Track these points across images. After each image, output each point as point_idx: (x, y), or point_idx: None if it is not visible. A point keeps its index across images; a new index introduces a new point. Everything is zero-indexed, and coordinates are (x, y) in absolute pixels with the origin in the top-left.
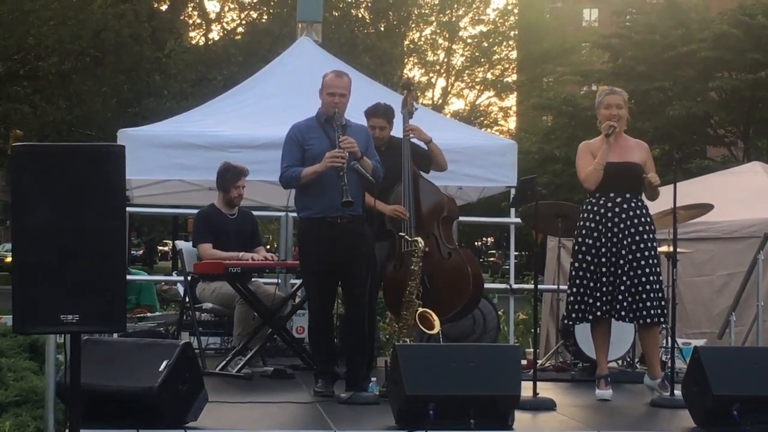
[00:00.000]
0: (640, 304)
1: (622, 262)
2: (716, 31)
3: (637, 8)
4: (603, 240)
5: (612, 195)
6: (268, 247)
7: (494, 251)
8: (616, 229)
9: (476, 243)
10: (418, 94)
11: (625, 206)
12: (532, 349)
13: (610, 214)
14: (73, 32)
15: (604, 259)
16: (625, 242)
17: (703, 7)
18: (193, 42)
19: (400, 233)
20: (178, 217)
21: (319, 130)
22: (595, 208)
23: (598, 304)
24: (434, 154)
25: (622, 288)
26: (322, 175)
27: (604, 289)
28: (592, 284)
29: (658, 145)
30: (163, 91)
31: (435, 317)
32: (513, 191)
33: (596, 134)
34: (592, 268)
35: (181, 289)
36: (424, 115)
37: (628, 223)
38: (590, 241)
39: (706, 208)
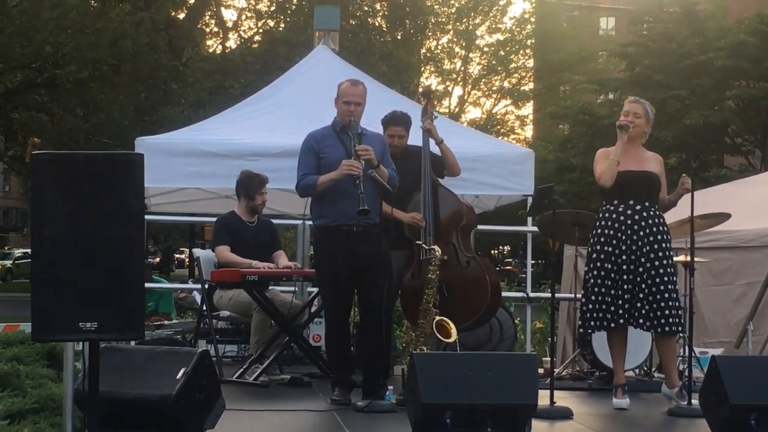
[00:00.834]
0: (659, 313)
1: (641, 269)
2: (733, 39)
3: (654, 17)
4: (624, 248)
5: (632, 203)
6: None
7: (510, 260)
8: (635, 237)
9: (492, 251)
10: (435, 103)
11: (645, 214)
12: (548, 358)
13: (630, 222)
14: (90, 41)
15: (624, 267)
16: (644, 250)
17: (721, 15)
18: (210, 50)
19: (418, 241)
20: (194, 225)
21: (335, 139)
22: (614, 216)
23: (620, 312)
24: (445, 156)
25: (641, 296)
26: (338, 184)
27: (626, 297)
28: (612, 292)
29: (675, 153)
30: (180, 100)
31: (452, 326)
32: (530, 200)
33: (614, 142)
34: (612, 275)
35: (197, 296)
36: (441, 124)
37: (648, 231)
38: (609, 249)
39: (724, 217)
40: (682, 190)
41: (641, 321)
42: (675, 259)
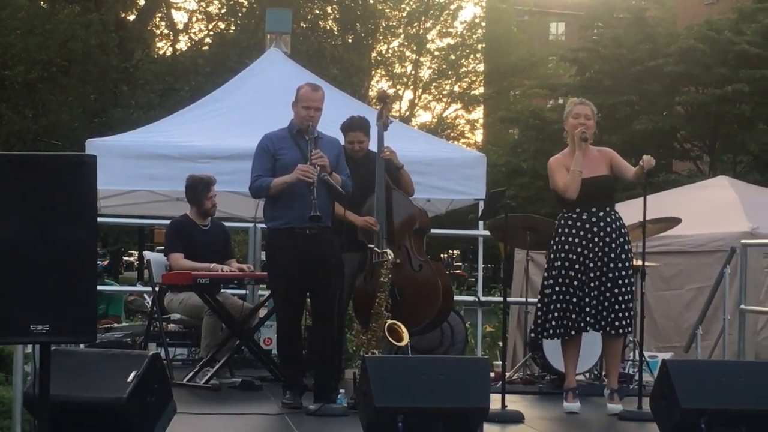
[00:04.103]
0: (612, 315)
1: (592, 275)
2: (683, 45)
3: (604, 22)
4: (591, 255)
5: (594, 210)
6: (240, 257)
7: (460, 264)
8: (602, 243)
9: (442, 255)
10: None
11: (608, 219)
12: (500, 362)
13: (596, 229)
14: (40, 41)
15: (592, 274)
16: (612, 256)
17: (670, 21)
18: (161, 52)
19: (370, 245)
20: (144, 228)
21: (291, 141)
22: (578, 223)
23: (587, 318)
24: (403, 180)
25: (588, 299)
26: (292, 187)
27: (593, 303)
28: (575, 300)
29: (624, 158)
30: (131, 101)
31: (404, 329)
32: (482, 204)
33: (563, 147)
34: (576, 284)
35: (148, 299)
36: (393, 127)
37: (613, 236)
38: (574, 257)
39: (674, 222)
40: (641, 169)
41: (591, 321)
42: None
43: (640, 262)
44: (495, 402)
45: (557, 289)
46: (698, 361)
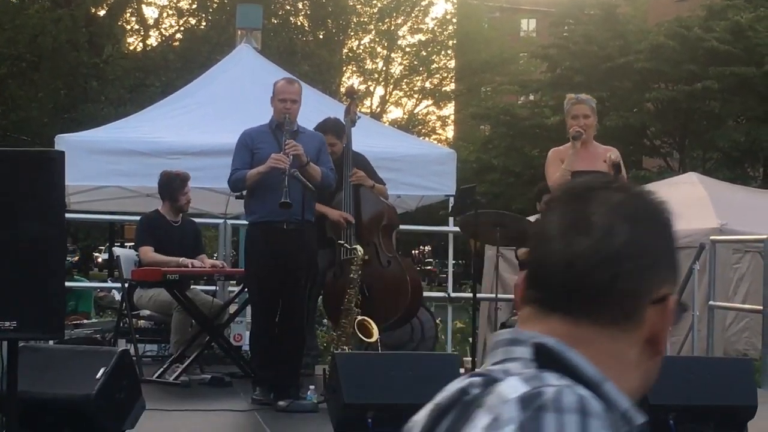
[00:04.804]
0: None
1: None
2: (653, 42)
3: (575, 19)
4: None
5: None
6: (215, 255)
7: (431, 260)
8: None
9: (413, 251)
10: (357, 103)
11: None
12: (470, 358)
13: None
14: (9, 37)
15: None
16: None
17: (641, 18)
18: (131, 48)
19: (340, 241)
20: (114, 224)
21: (270, 136)
22: None
23: None
24: (380, 191)
25: None
26: (268, 180)
27: None
28: None
29: None
30: (101, 97)
31: (374, 325)
32: (452, 200)
33: (535, 144)
34: None
35: (117, 295)
36: (364, 124)
37: None
38: None
39: None
40: (611, 165)
41: None
42: None
43: None
44: None
45: None
46: (667, 357)
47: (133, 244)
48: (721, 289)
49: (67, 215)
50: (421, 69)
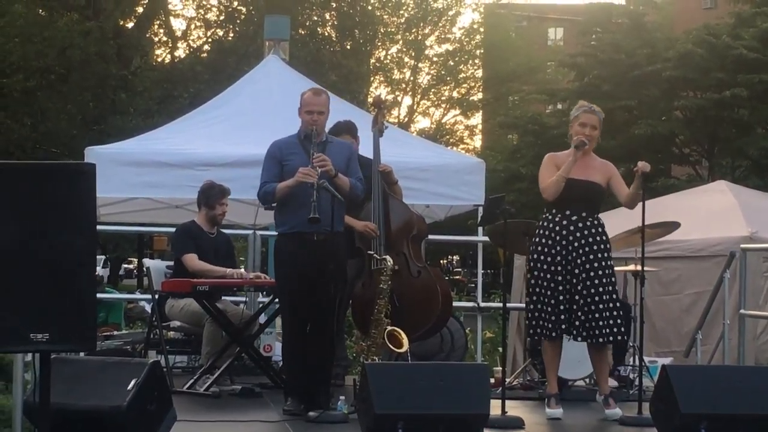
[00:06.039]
0: (593, 323)
1: (575, 281)
2: (681, 50)
3: (603, 27)
4: (558, 258)
5: (568, 213)
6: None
7: (460, 269)
8: (570, 248)
9: (442, 261)
10: (385, 113)
11: (580, 225)
12: (500, 368)
13: (564, 233)
14: (38, 49)
15: (559, 278)
16: (579, 261)
17: (668, 26)
18: (159, 60)
19: (369, 251)
20: (143, 235)
21: (299, 147)
22: (551, 226)
23: (557, 323)
24: (395, 194)
25: (575, 307)
26: (299, 192)
27: (561, 308)
28: (550, 302)
29: (623, 163)
30: (129, 109)
31: (404, 336)
32: (481, 209)
33: (564, 149)
34: (545, 285)
35: (147, 306)
36: (392, 134)
37: (583, 242)
38: (547, 259)
39: (673, 226)
40: (639, 174)
41: (575, 332)
42: (625, 268)
43: (638, 267)
44: (495, 408)
45: (531, 290)
46: (698, 366)
47: (160, 254)
48: (751, 297)
49: (98, 227)
50: (448, 78)
